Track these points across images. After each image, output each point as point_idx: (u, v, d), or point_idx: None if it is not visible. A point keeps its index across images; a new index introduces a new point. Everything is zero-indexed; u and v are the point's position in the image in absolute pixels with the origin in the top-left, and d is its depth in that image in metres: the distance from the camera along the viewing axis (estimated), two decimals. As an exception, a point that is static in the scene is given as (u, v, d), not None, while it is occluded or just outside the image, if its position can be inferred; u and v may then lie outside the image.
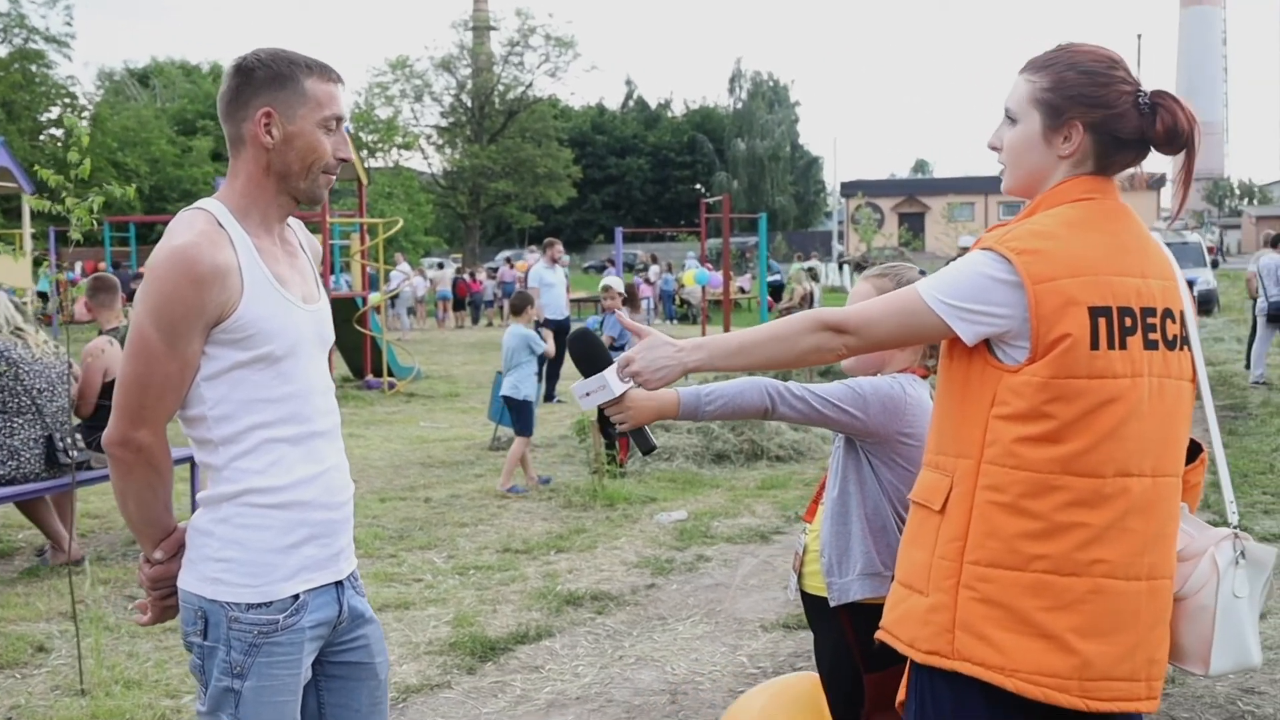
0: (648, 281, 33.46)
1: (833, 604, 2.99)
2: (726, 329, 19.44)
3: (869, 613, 2.92)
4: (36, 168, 4.81)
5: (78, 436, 7.09)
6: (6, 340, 6.77)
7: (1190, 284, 10.14)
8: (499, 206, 61.77)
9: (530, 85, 61.92)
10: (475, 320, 33.33)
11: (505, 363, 9.82)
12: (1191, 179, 2.40)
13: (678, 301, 32.87)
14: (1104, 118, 2.36)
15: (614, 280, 12.53)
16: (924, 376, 3.08)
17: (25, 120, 40.04)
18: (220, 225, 2.48)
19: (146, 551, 2.59)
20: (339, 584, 2.63)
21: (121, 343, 7.22)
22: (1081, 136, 2.38)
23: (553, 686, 5.19)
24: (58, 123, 40.78)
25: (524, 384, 9.62)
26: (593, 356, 2.82)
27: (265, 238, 2.56)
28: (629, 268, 42.27)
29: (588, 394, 2.79)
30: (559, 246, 15.37)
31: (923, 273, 3.13)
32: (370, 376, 16.96)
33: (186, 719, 4.73)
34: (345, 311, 17.56)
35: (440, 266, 39.24)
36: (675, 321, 32.09)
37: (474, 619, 6.04)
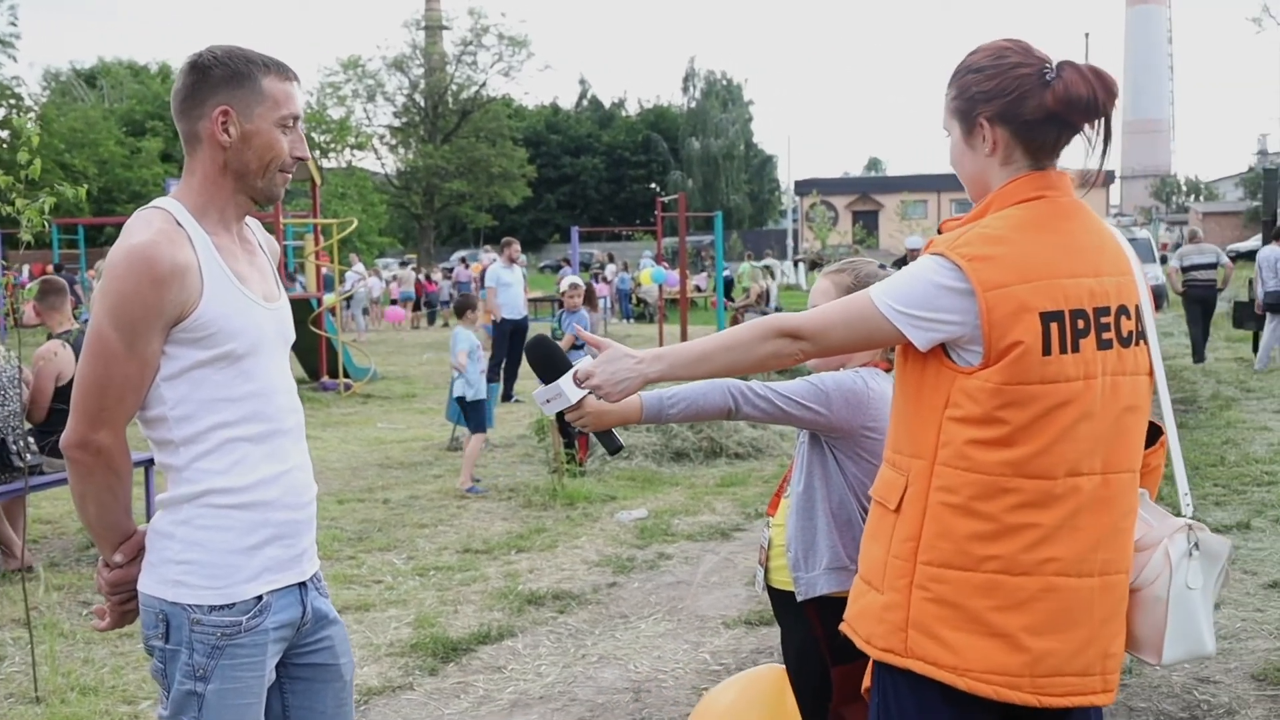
0: (605, 280, 33.43)
1: (799, 599, 3.00)
2: (683, 328, 19.43)
3: (836, 606, 2.93)
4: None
5: (30, 441, 6.98)
6: None
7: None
8: (453, 206, 61.60)
9: (484, 85, 61.85)
10: (431, 321, 33.19)
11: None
12: (1109, 143, 2.38)
13: (634, 300, 32.87)
14: (1003, 106, 2.35)
15: (578, 279, 12.54)
16: (887, 370, 3.09)
17: (-30, 122, 39.45)
18: (179, 224, 2.46)
19: (105, 555, 2.55)
20: (302, 585, 2.61)
21: (73, 346, 7.13)
22: (993, 131, 2.38)
23: (515, 686, 5.17)
24: (3, 124, 40.18)
25: (474, 383, 9.60)
26: (550, 363, 2.80)
27: (224, 236, 2.54)
28: (585, 267, 42.20)
29: (547, 401, 2.79)
30: (516, 246, 15.31)
31: (883, 266, 3.14)
32: (326, 378, 16.85)
33: (145, 725, 4.68)
34: (300, 313, 17.45)
35: (403, 265, 39.06)
36: (632, 320, 32.10)
37: (435, 620, 6.01)
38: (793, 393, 2.93)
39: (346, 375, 16.91)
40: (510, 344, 14.68)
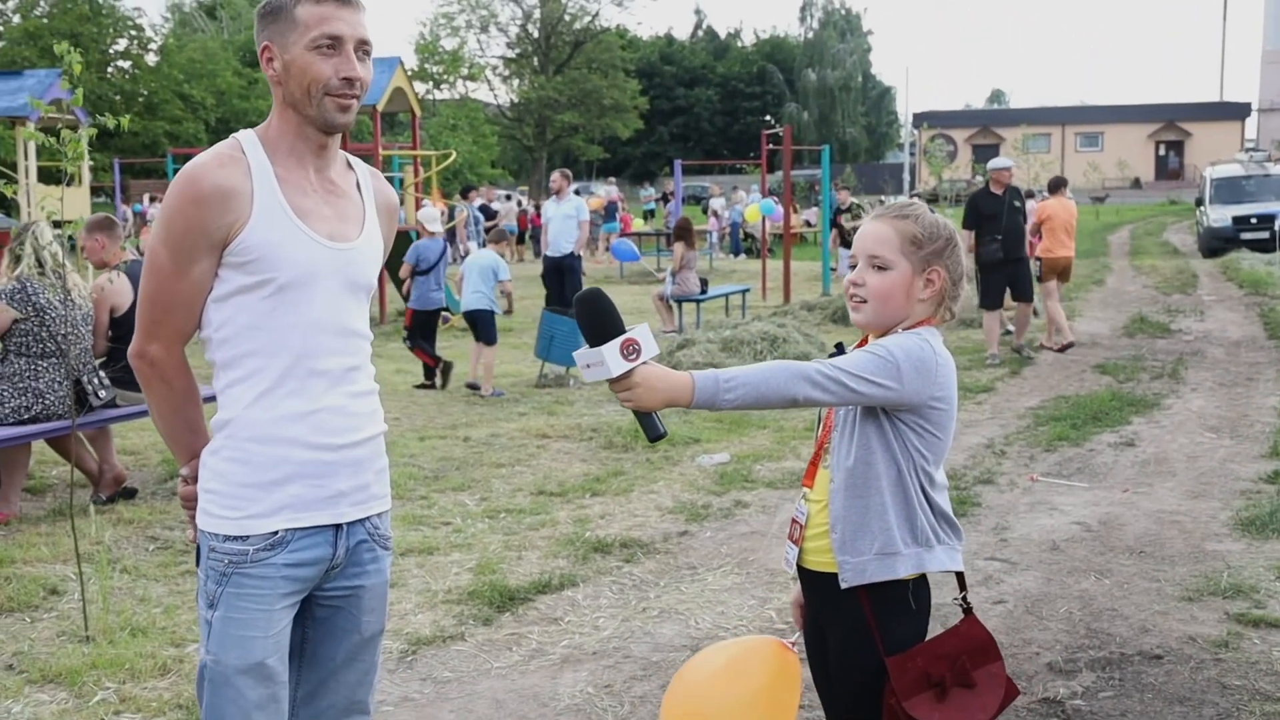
0: (714, 214, 32.97)
1: (844, 585, 2.68)
2: (786, 263, 19.05)
3: (889, 589, 2.64)
4: (30, 99, 4.60)
5: (103, 376, 6.97)
6: (34, 283, 6.64)
7: (1272, 218, 9.79)
8: (565, 138, 61.36)
9: (596, 15, 61.26)
10: (537, 254, 33.05)
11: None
12: None
13: (743, 235, 32.34)
14: None
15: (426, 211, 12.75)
16: (936, 325, 2.75)
17: (93, 53, 40.19)
18: (242, 151, 2.49)
19: (180, 467, 2.61)
20: (338, 528, 2.55)
21: (128, 274, 7.08)
22: None
23: (570, 640, 4.99)
24: (124, 54, 40.91)
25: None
26: (597, 323, 2.48)
27: (296, 170, 2.53)
28: (695, 200, 41.76)
29: (588, 366, 2.47)
30: (556, 176, 14.96)
31: (921, 198, 2.80)
32: (424, 311, 16.81)
33: (189, 669, 4.59)
34: (398, 245, 17.43)
35: (508, 198, 39.01)
36: (741, 256, 31.60)
37: (497, 566, 5.86)
38: (862, 369, 2.56)
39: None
40: (550, 281, 14.39)
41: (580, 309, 2.52)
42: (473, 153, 44.20)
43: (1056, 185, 13.86)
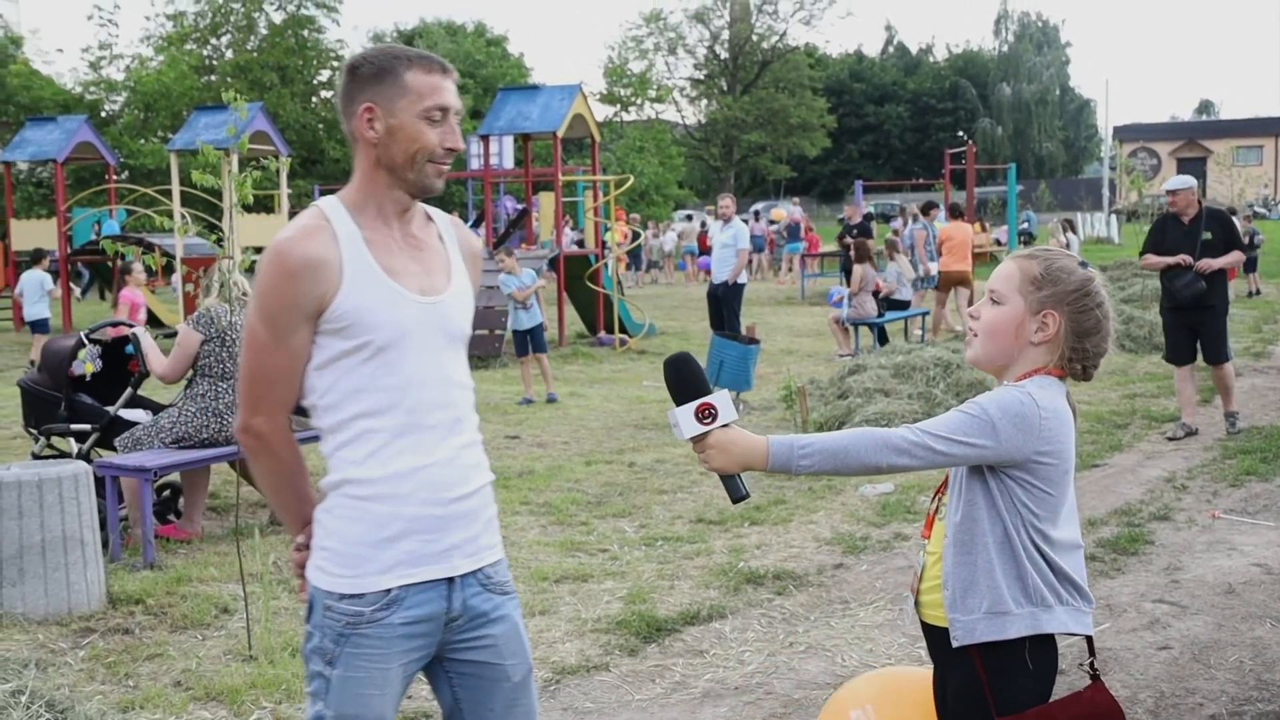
0: (894, 233, 32.50)
1: (955, 644, 2.63)
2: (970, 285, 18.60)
3: (1002, 649, 2.59)
4: (201, 147, 4.85)
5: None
6: (219, 308, 7.00)
7: None
8: (752, 158, 61.39)
9: (784, 35, 61.18)
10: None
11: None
12: None
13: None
14: None
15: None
16: (1060, 377, 2.65)
17: (298, 84, 42.05)
18: (326, 219, 2.54)
19: (292, 535, 2.68)
20: (451, 581, 2.59)
21: None
22: None
23: (713, 674, 4.97)
24: (328, 85, 42.66)
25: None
26: (679, 387, 2.59)
27: (382, 230, 2.59)
28: (886, 219, 41.23)
29: (674, 425, 2.60)
30: (725, 201, 14.76)
31: (1084, 265, 2.68)
32: (603, 333, 17.04)
33: (341, 691, 4.74)
34: (577, 268, 17.73)
35: (689, 219, 39.25)
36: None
37: (648, 595, 5.88)
38: (952, 431, 2.52)
39: (623, 330, 17.04)
40: (710, 306, 14.21)
41: (667, 372, 2.62)
42: (659, 174, 44.55)
43: (956, 210, 17.92)
